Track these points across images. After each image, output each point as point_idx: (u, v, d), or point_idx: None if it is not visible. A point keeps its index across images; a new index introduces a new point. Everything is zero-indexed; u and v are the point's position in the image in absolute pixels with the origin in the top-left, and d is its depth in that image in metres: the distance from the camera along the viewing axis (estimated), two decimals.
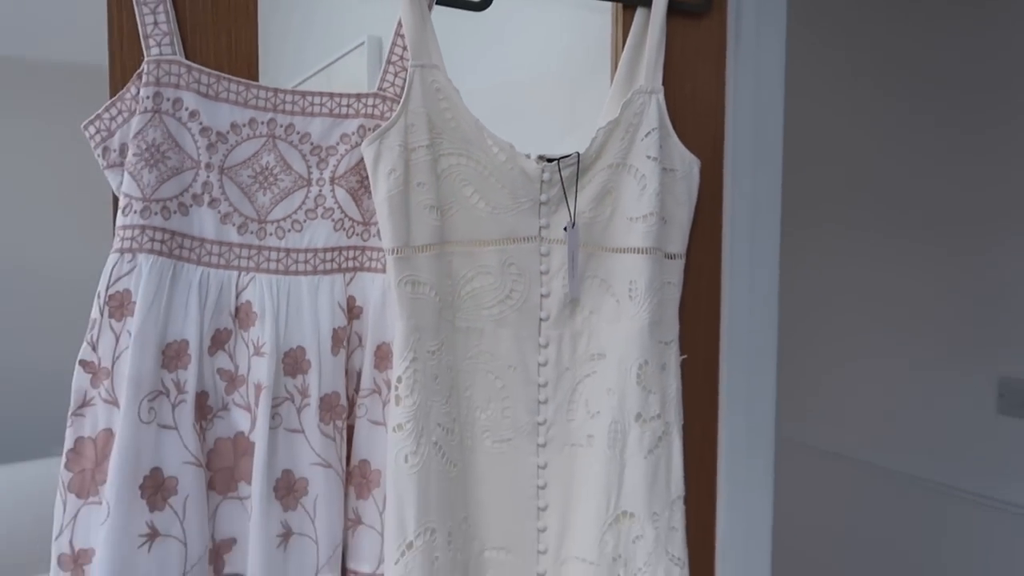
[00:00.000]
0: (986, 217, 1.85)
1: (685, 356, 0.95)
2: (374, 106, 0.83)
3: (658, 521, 0.90)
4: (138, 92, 0.76)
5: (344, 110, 0.82)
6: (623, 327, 0.90)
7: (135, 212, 0.74)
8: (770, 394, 1.09)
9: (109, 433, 0.75)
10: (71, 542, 0.74)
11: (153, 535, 0.74)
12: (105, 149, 0.76)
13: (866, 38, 2.08)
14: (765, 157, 1.05)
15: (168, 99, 0.76)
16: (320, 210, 0.82)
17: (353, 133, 0.82)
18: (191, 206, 0.78)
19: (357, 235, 0.84)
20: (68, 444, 0.74)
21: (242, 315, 0.79)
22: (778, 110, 1.06)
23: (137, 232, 0.74)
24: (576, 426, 0.91)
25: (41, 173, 3.21)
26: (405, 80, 0.83)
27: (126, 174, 0.75)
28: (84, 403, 0.75)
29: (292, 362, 0.80)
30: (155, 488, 0.75)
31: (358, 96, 0.82)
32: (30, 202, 3.21)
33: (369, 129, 0.82)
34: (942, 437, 1.96)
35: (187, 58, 0.78)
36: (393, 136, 0.80)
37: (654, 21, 0.92)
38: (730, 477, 1.04)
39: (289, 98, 0.80)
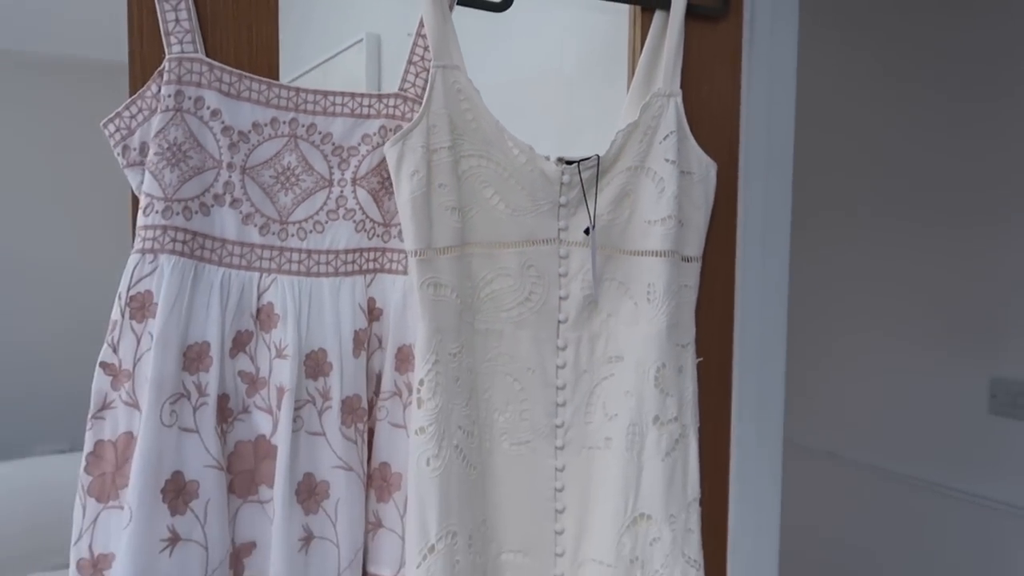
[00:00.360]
0: (979, 222, 1.88)
1: (701, 359, 0.96)
2: (395, 106, 0.82)
3: (675, 523, 0.90)
4: (159, 90, 0.75)
5: (365, 110, 0.81)
6: (641, 330, 0.90)
7: (156, 212, 0.73)
8: (779, 396, 1.10)
9: (130, 436, 0.74)
10: (90, 547, 0.73)
11: (175, 539, 0.73)
12: (125, 147, 0.75)
13: (872, 21, 2.09)
14: (777, 160, 1.05)
15: (190, 98, 0.75)
16: (342, 211, 0.81)
17: (375, 134, 0.81)
18: (212, 206, 0.77)
19: (378, 236, 0.83)
20: (88, 447, 0.73)
21: (263, 317, 0.78)
22: (790, 112, 1.06)
23: (159, 232, 0.73)
24: (594, 429, 0.91)
25: (41, 166, 3.15)
26: (426, 80, 0.83)
27: (147, 173, 0.74)
28: (104, 406, 0.73)
29: (314, 364, 0.79)
30: (176, 492, 0.74)
31: (379, 96, 0.82)
32: (33, 197, 3.15)
33: (390, 130, 0.82)
34: (935, 437, 1.98)
35: (207, 55, 0.77)
36: (416, 137, 0.80)
37: (673, 24, 0.92)
38: (741, 479, 1.05)
39: (311, 98, 0.79)
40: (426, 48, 0.83)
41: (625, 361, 0.91)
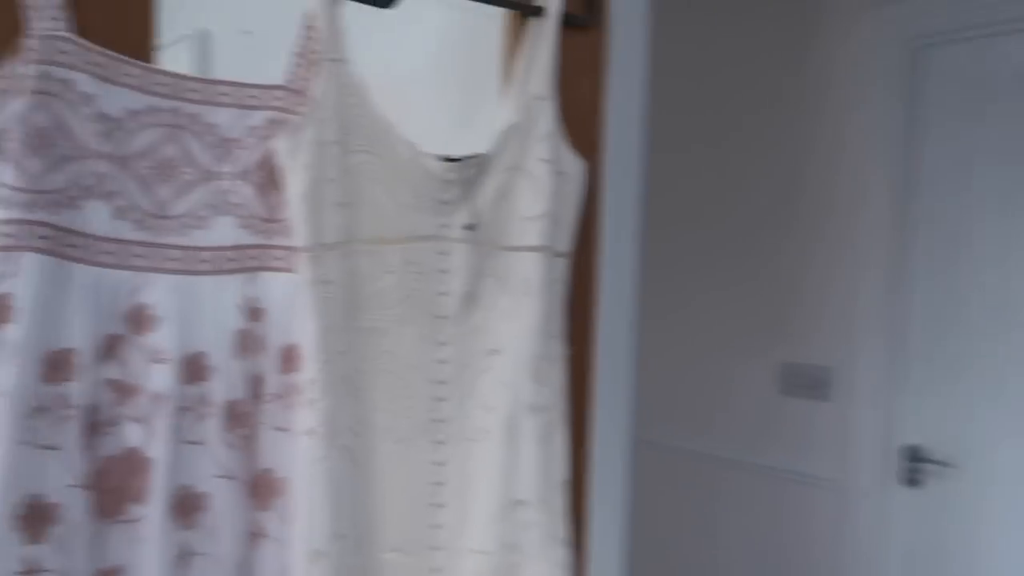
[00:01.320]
0: (773, 235, 2.10)
1: (571, 349, 1.00)
2: (282, 99, 0.79)
3: (547, 507, 0.94)
4: (17, 70, 0.66)
5: (251, 101, 0.77)
6: (518, 324, 0.93)
7: (18, 205, 0.66)
8: (631, 383, 1.18)
9: None
10: None
11: (30, 572, 0.66)
12: None
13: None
14: (633, 161, 1.12)
15: (58, 80, 0.67)
16: (225, 206, 0.77)
17: (260, 126, 0.77)
18: (82, 199, 0.70)
19: (261, 233, 0.79)
20: None
21: (137, 319, 0.72)
22: (644, 116, 1.14)
23: (20, 228, 0.66)
24: (474, 422, 0.93)
25: None
26: (313, 73, 0.80)
27: (6, 162, 0.65)
28: None
29: (193, 369, 0.74)
30: (35, 517, 0.66)
31: (266, 88, 0.78)
32: None
33: (277, 122, 0.78)
34: (733, 417, 2.19)
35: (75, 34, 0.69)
36: (307, 131, 0.77)
37: (548, 31, 0.95)
38: (600, 461, 1.11)
39: (194, 85, 0.74)
40: (312, 40, 0.80)
41: (503, 354, 0.93)
